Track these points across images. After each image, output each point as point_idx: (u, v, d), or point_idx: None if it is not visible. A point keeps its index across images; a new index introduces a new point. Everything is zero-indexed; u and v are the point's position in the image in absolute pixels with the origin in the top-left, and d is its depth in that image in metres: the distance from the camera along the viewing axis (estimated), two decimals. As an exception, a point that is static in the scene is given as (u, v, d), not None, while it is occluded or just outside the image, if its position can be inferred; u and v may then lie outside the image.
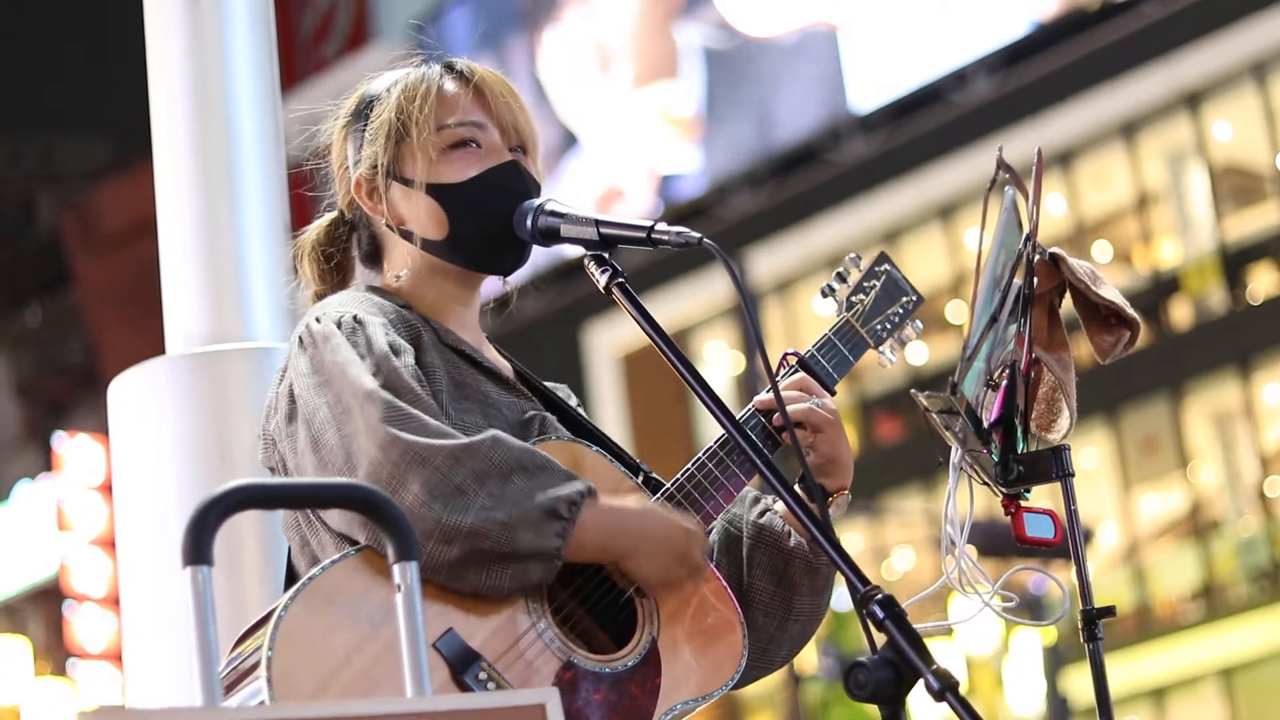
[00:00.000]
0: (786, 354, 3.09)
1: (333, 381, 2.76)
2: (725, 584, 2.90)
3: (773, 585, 3.02)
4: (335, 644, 2.58)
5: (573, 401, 3.16)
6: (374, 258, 3.11)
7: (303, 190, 3.24)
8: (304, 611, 2.59)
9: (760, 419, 3.02)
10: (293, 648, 2.55)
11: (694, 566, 2.82)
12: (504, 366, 3.09)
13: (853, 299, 3.18)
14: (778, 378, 3.07)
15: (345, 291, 3.02)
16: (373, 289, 3.00)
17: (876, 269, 3.22)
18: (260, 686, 2.52)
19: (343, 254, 3.13)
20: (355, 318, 2.85)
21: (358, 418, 2.70)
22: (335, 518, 2.73)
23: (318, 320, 2.86)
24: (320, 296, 3.10)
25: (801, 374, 3.08)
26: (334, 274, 3.12)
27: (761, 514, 3.07)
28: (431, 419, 2.71)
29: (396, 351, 2.81)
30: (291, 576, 2.90)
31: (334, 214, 3.14)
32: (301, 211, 3.28)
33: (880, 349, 3.18)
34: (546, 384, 3.15)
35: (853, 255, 3.21)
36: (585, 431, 3.05)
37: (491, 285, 3.17)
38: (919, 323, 3.24)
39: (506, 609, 2.71)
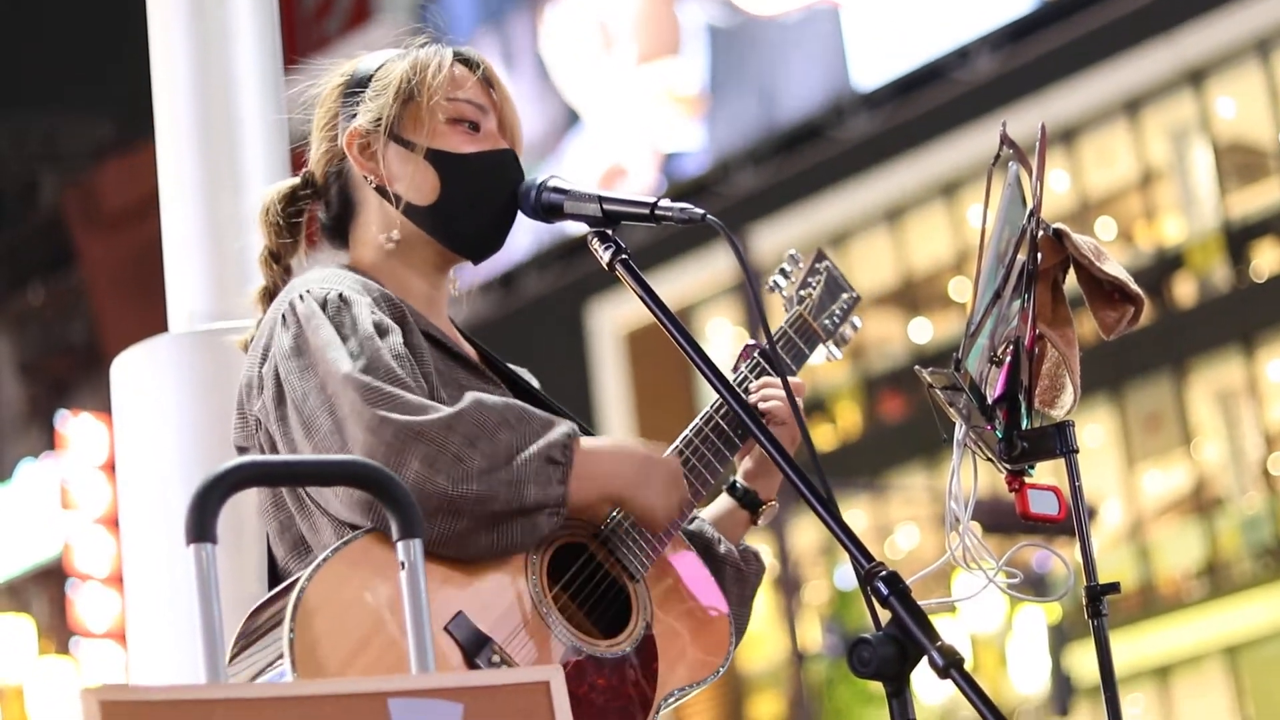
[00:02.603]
0: (747, 345, 3.10)
1: (317, 365, 2.73)
2: (708, 571, 2.91)
3: None
4: (354, 624, 2.57)
5: (535, 384, 3.15)
6: (339, 226, 3.05)
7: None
8: (322, 590, 2.57)
9: (726, 411, 2.99)
10: (314, 627, 2.54)
11: (685, 497, 2.85)
12: (471, 353, 3.07)
13: (801, 293, 3.21)
14: (741, 369, 3.10)
15: (326, 268, 2.96)
16: (346, 268, 2.97)
17: (817, 265, 3.26)
18: (285, 668, 2.51)
19: (300, 216, 3.05)
20: (341, 296, 2.81)
21: (343, 402, 2.68)
22: (336, 504, 2.71)
23: (301, 298, 2.82)
24: (271, 253, 3.04)
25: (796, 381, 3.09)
26: (292, 232, 3.04)
27: (690, 521, 3.07)
28: (412, 395, 2.69)
29: (383, 332, 2.78)
30: (272, 562, 2.87)
31: (297, 179, 3.07)
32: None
33: (827, 344, 3.22)
34: (510, 366, 3.14)
35: (791, 253, 3.25)
36: (553, 413, 3.05)
37: (489, 267, 3.15)
38: (858, 320, 3.27)
39: (510, 594, 2.70)
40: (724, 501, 3.12)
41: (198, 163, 3.93)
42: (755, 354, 3.11)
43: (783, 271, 3.22)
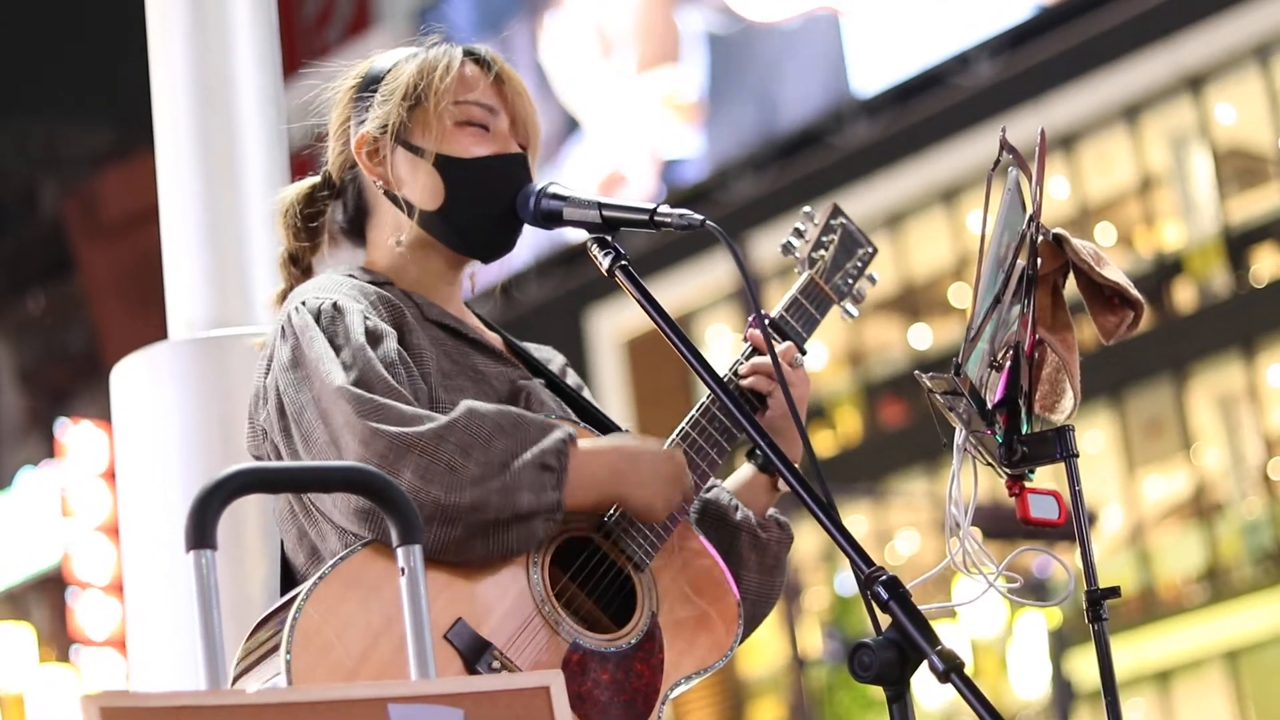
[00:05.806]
0: (752, 317, 3.10)
1: (312, 378, 2.75)
2: (716, 555, 2.91)
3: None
4: (351, 642, 2.57)
5: (556, 364, 3.16)
6: (356, 226, 3.08)
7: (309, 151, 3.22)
8: (318, 611, 2.58)
9: (736, 383, 3.05)
10: (311, 649, 2.55)
11: (688, 490, 2.85)
12: (492, 339, 3.08)
13: (814, 255, 3.20)
14: (746, 339, 3.11)
15: (326, 274, 2.99)
16: (353, 272, 2.98)
17: (832, 222, 3.24)
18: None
19: (320, 217, 3.08)
20: (335, 305, 2.83)
21: (336, 415, 2.70)
22: (336, 514, 2.72)
23: (297, 310, 2.84)
24: (291, 255, 3.07)
25: (787, 344, 3.10)
26: (309, 235, 3.08)
27: (708, 489, 3.08)
28: (405, 405, 2.70)
29: (377, 339, 2.80)
30: (287, 569, 2.89)
31: (317, 178, 3.10)
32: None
33: (843, 304, 3.21)
34: (531, 347, 3.14)
35: (806, 210, 3.23)
36: (570, 400, 3.06)
37: (490, 274, 3.16)
38: (875, 274, 3.27)
39: (512, 593, 2.71)
40: (745, 469, 3.13)
41: (197, 170, 3.93)
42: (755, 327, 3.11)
43: (797, 231, 3.21)
